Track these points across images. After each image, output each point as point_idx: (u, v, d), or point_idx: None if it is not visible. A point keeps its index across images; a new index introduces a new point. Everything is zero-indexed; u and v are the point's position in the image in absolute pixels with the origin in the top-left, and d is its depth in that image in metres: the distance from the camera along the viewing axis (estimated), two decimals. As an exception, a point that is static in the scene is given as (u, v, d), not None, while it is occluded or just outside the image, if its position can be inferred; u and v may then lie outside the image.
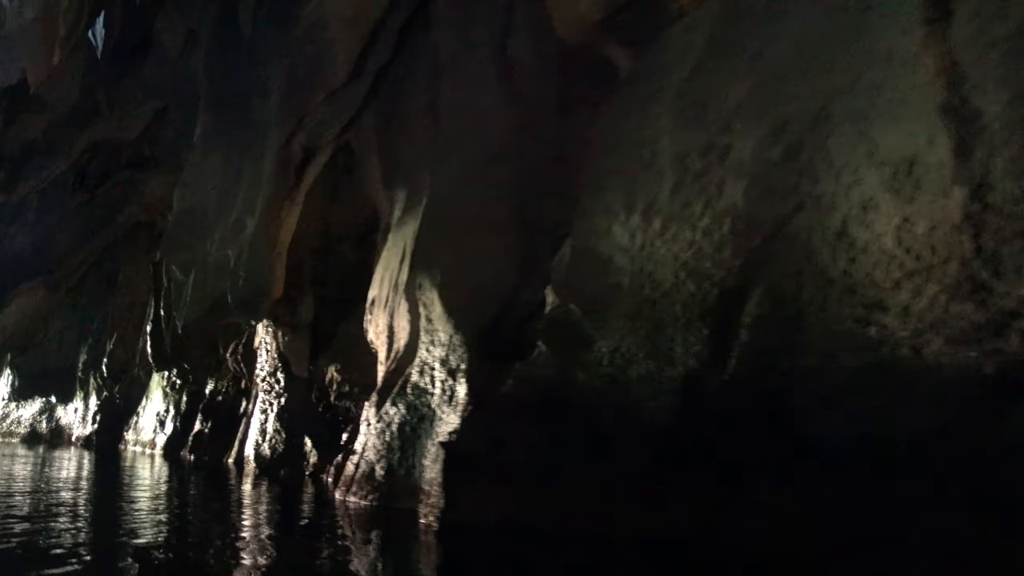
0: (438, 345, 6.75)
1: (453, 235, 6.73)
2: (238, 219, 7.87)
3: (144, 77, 12.30)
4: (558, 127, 6.95)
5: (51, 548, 4.94)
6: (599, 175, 5.74)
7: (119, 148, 13.77)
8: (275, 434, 11.20)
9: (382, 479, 6.88)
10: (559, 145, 6.89)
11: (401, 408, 6.95)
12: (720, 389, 4.89)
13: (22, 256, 14.43)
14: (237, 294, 7.73)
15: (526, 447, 5.67)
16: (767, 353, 4.75)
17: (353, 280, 13.18)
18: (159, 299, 17.20)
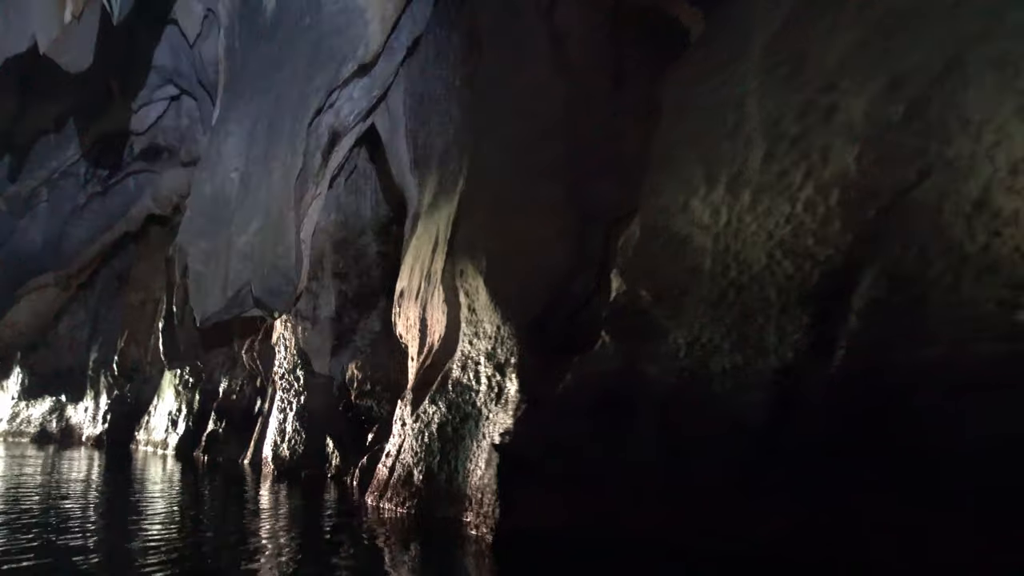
0: (483, 337, 6.05)
1: (498, 218, 6.05)
2: (262, 203, 7.19)
3: (158, 64, 11.64)
4: (612, 99, 6.27)
5: (63, 557, 4.28)
6: (671, 146, 5.05)
7: (132, 139, 13.12)
8: (295, 434, 10.52)
9: (421, 484, 6.19)
10: (613, 119, 6.21)
11: (441, 407, 6.26)
12: (823, 385, 4.19)
13: (32, 251, 13.77)
14: (263, 283, 7.05)
15: (589, 449, 4.97)
16: (882, 343, 4.05)
17: (375, 274, 12.56)
18: (172, 295, 16.56)
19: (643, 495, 4.63)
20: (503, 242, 5.96)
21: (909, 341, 3.96)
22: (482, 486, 5.20)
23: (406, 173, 9.16)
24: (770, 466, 4.32)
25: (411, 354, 8.08)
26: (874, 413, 4.01)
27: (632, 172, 5.95)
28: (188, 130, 12.80)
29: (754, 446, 4.41)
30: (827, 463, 4.10)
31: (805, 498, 4.12)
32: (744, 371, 4.50)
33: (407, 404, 6.94)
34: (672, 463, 4.65)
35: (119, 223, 14.41)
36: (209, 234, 7.64)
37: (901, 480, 3.82)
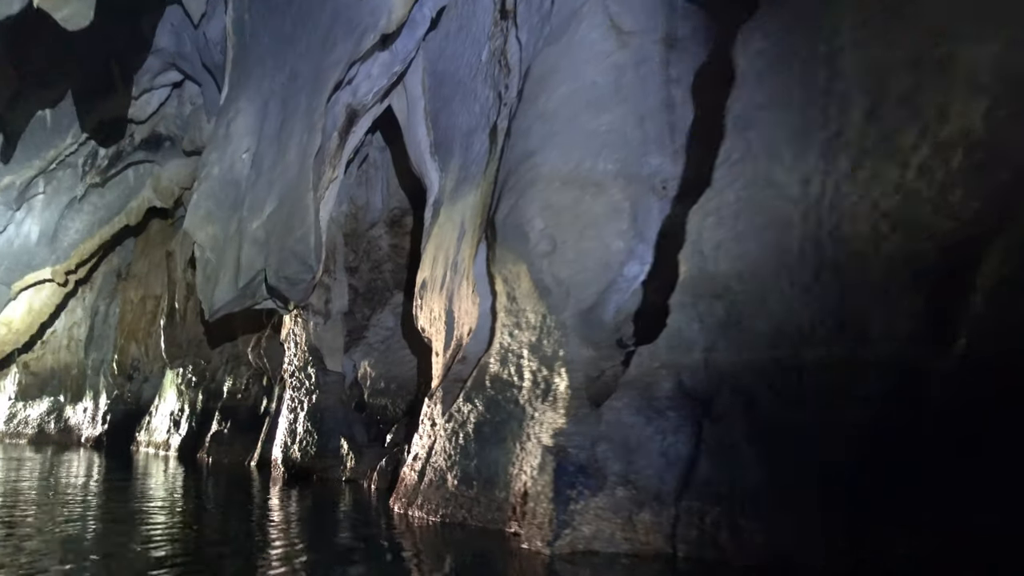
0: (526, 328, 5.43)
1: (542, 196, 5.41)
2: (277, 185, 6.55)
3: (159, 47, 10.98)
4: (665, 65, 5.65)
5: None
6: (748, 111, 4.42)
7: (132, 127, 12.45)
8: (306, 435, 9.87)
9: (456, 491, 5.56)
10: (668, 85, 5.60)
11: (478, 405, 5.63)
12: (945, 376, 3.58)
13: (28, 244, 13.08)
14: (279, 271, 6.41)
15: (660, 452, 4.36)
16: (1014, 328, 3.44)
17: (386, 268, 11.91)
18: (173, 292, 15.88)
19: (730, 506, 4.02)
20: (548, 222, 5.33)
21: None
22: (535, 495, 4.57)
23: (425, 158, 8.51)
24: (878, 474, 3.71)
25: (435, 349, 7.45)
26: (1005, 411, 3.41)
27: (694, 143, 5.34)
28: (191, 117, 12.14)
29: (856, 450, 3.80)
30: (948, 472, 3.49)
31: (927, 508, 3.51)
32: (844, 362, 3.89)
33: (437, 402, 6.30)
34: (763, 468, 4.04)
35: (119, 216, 13.74)
36: (218, 219, 7.01)
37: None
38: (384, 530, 5.60)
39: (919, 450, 3.58)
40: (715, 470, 4.15)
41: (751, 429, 4.07)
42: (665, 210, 5.37)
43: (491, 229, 5.90)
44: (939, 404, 3.58)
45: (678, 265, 4.68)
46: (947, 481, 3.46)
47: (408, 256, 11.67)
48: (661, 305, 4.84)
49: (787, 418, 4.01)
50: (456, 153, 7.95)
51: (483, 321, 6.32)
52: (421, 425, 6.66)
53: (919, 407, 3.64)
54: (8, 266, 12.98)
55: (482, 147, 7.41)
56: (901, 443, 3.65)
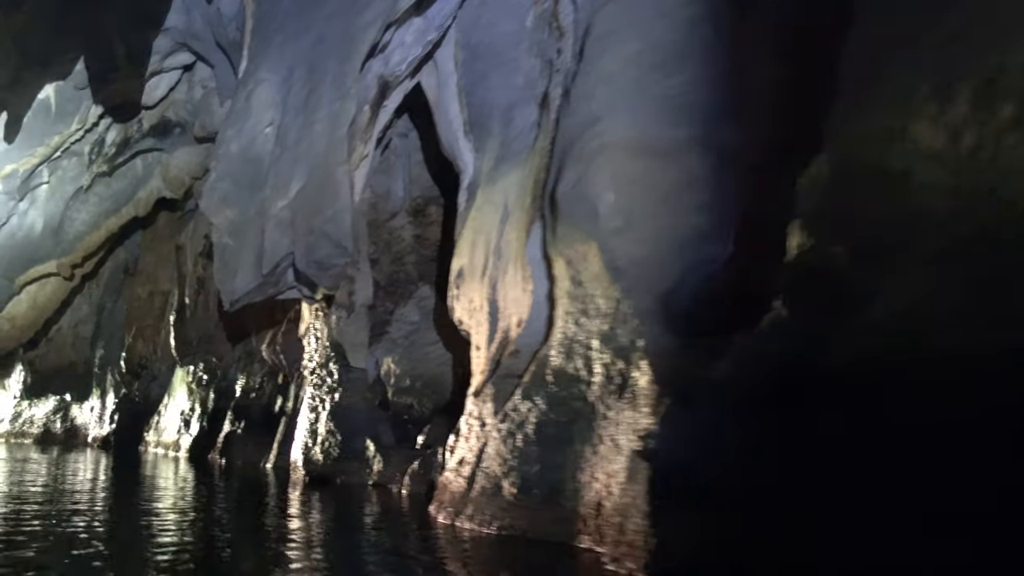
0: (595, 316, 4.76)
1: (613, 165, 4.75)
2: (304, 160, 5.89)
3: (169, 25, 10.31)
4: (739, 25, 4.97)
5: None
6: (873, 60, 3.74)
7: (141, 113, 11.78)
8: (328, 436, 9.21)
9: (515, 500, 4.89)
10: (746, 46, 4.92)
11: (539, 403, 4.96)
12: None
13: (32, 236, 12.42)
14: (308, 254, 5.75)
15: (768, 457, 3.68)
16: None
17: (409, 259, 11.23)
18: (183, 286, 15.23)
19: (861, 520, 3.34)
20: (620, 194, 4.66)
21: None
22: (620, 508, 3.90)
23: (458, 138, 7.83)
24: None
25: (476, 342, 6.77)
26: None
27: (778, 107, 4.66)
28: (202, 102, 11.47)
29: (1010, 454, 3.13)
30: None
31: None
32: (989, 355, 3.21)
33: (487, 400, 5.64)
34: (893, 476, 3.36)
35: (126, 207, 13.07)
36: (238, 200, 6.34)
37: None
38: (434, 544, 4.93)
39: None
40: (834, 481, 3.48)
41: (874, 433, 3.39)
42: (746, 181, 4.68)
43: (551, 206, 5.23)
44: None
45: (774, 241, 4.00)
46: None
47: (433, 247, 11.02)
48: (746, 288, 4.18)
49: (916, 422, 3.33)
50: (494, 130, 7.28)
51: (537, 310, 5.66)
52: (466, 425, 6.00)
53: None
54: (11, 259, 12.33)
55: (526, 121, 6.74)
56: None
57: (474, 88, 7.56)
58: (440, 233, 10.94)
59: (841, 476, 3.31)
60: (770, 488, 3.59)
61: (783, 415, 3.73)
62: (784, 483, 3.60)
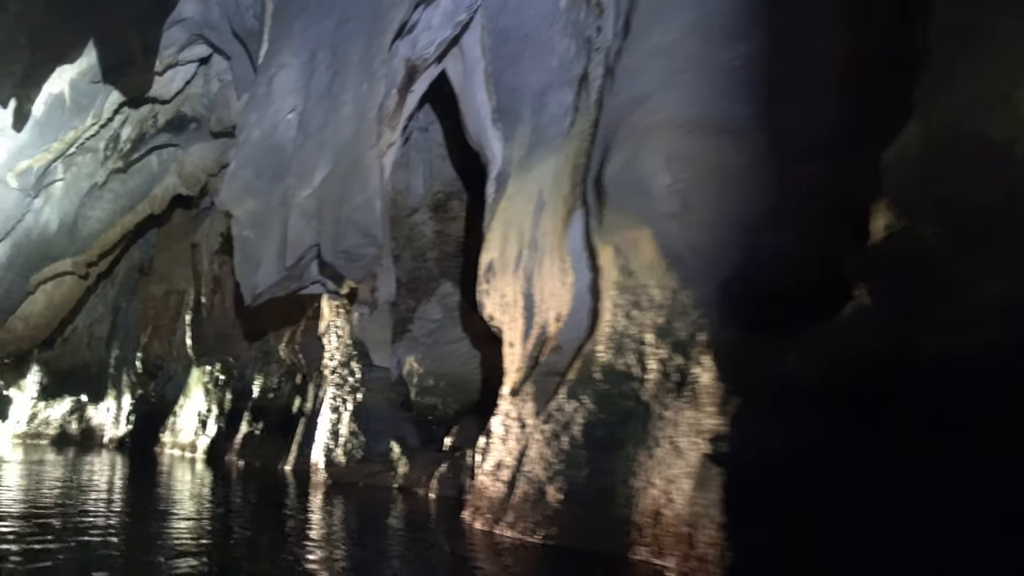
0: (649, 308, 4.39)
1: (668, 144, 4.38)
2: (330, 146, 5.56)
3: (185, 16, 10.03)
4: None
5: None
6: (968, 21, 3.35)
7: (156, 108, 11.53)
8: (351, 437, 8.89)
9: (561, 507, 4.53)
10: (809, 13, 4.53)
11: (586, 402, 4.60)
12: None
13: (47, 234, 12.18)
14: (335, 244, 5.41)
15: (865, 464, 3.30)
16: None
17: (431, 255, 10.90)
18: (199, 285, 14.99)
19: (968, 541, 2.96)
20: (677, 176, 4.29)
21: None
22: (690, 517, 3.53)
23: (485, 127, 7.48)
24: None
25: (508, 338, 6.42)
26: None
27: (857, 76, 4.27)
28: (219, 96, 11.19)
29: None
30: None
31: None
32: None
33: (526, 400, 5.29)
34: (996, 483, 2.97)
35: (141, 204, 12.82)
36: (259, 190, 6.02)
37: None
38: (473, 554, 4.58)
39: None
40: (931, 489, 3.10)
41: (967, 438, 3.00)
42: (816, 160, 4.30)
43: (596, 191, 4.87)
44: None
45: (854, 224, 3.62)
46: None
47: (455, 243, 10.69)
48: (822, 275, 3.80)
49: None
50: (525, 117, 6.93)
51: (579, 303, 5.30)
52: (501, 427, 5.64)
53: None
54: (26, 257, 12.10)
55: (561, 105, 6.38)
56: None
57: (503, 74, 7.21)
58: (462, 228, 10.62)
59: (955, 486, 2.92)
60: (868, 499, 3.21)
61: (879, 417, 3.34)
62: (885, 493, 3.22)
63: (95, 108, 11.02)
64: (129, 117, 11.72)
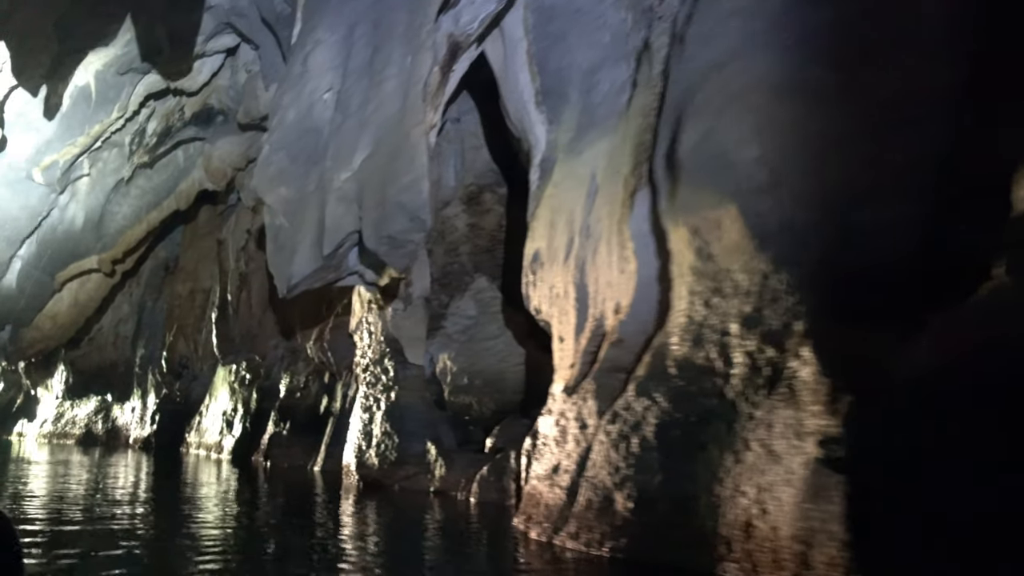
0: (733, 294, 3.91)
1: (755, 113, 3.90)
2: (372, 125, 5.15)
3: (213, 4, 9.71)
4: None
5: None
6: None
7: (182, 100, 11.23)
8: (384, 438, 8.47)
9: (632, 516, 4.06)
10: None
11: (660, 400, 4.12)
12: None
13: (73, 231, 11.94)
14: (380, 229, 4.99)
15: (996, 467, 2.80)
16: None
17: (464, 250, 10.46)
18: (225, 282, 14.69)
19: None
20: (767, 146, 3.80)
21: None
22: (803, 532, 3.04)
23: (528, 111, 7.03)
24: None
25: (558, 332, 5.95)
26: None
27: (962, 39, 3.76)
28: (247, 87, 10.85)
29: None
30: None
31: None
32: None
33: (587, 397, 4.82)
34: None
35: (167, 200, 12.55)
36: (294, 175, 5.63)
37: None
38: (535, 569, 4.12)
39: None
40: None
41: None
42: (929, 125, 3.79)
43: (667, 168, 4.40)
44: None
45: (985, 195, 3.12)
46: None
47: (489, 237, 10.25)
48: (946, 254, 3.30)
49: None
50: (572, 98, 6.48)
51: (643, 292, 4.83)
52: (556, 427, 5.18)
53: None
54: (52, 254, 11.87)
55: (615, 81, 5.93)
56: None
57: (548, 53, 6.77)
58: (496, 222, 10.20)
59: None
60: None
61: (1001, 413, 2.83)
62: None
63: (121, 101, 10.74)
64: (155, 111, 11.44)
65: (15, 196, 10.99)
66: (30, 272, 12.17)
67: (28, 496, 7.09)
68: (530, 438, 5.93)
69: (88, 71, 10.25)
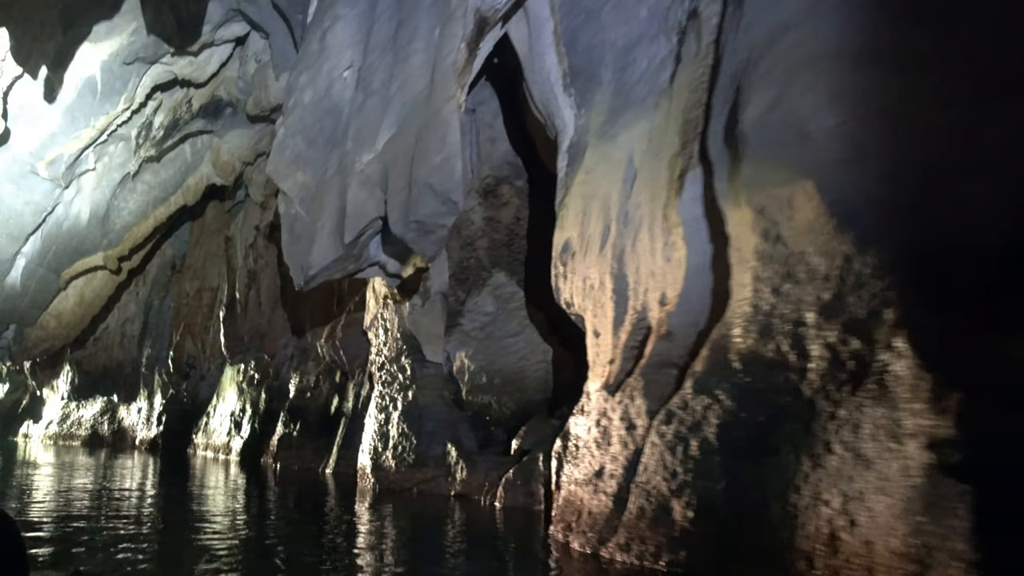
0: (808, 280, 3.49)
1: (829, 80, 3.48)
2: (397, 102, 4.75)
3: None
4: None
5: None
6: None
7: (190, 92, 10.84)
8: (401, 439, 8.06)
9: (692, 526, 3.64)
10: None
11: (723, 398, 3.70)
12: None
13: (78, 227, 11.55)
14: (409, 212, 4.58)
15: None
16: None
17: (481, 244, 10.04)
18: (233, 280, 14.31)
19: None
20: (846, 115, 3.39)
21: None
22: (915, 550, 2.62)
23: (555, 94, 6.63)
24: None
25: (593, 327, 5.53)
26: None
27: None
28: (256, 77, 10.46)
29: None
30: None
31: None
32: None
33: (634, 395, 4.40)
34: None
35: (175, 195, 12.16)
36: (311, 160, 5.23)
37: None
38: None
39: None
40: None
41: None
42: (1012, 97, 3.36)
43: (726, 143, 3.98)
44: None
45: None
46: None
47: (506, 230, 9.84)
48: None
49: None
50: (604, 78, 6.07)
51: (694, 281, 4.42)
52: (597, 428, 4.76)
53: None
54: (57, 251, 11.49)
55: (654, 58, 5.51)
56: None
57: (577, 32, 6.36)
58: (513, 215, 9.79)
59: None
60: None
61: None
62: None
63: (127, 92, 10.35)
64: (162, 103, 11.06)
65: (19, 191, 10.60)
66: (35, 269, 11.79)
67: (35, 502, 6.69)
68: (560, 440, 5.52)
69: (94, 61, 9.87)
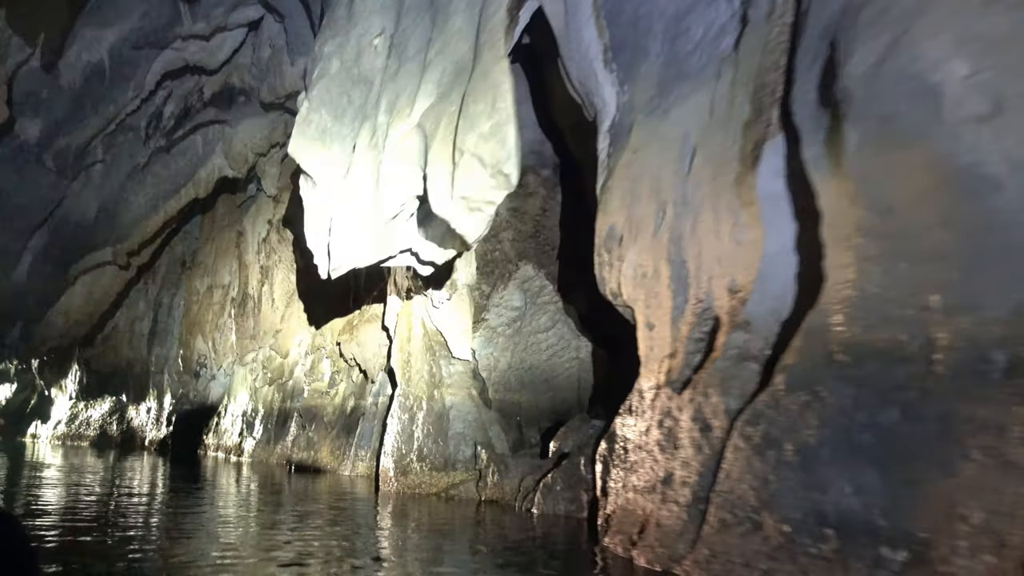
0: (931, 257, 2.96)
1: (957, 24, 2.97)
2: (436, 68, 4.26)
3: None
4: None
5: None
6: None
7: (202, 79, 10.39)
8: (426, 440, 7.57)
9: (788, 543, 3.13)
10: None
11: (825, 396, 3.19)
12: None
13: (86, 221, 11.12)
14: (455, 189, 4.07)
15: None
16: None
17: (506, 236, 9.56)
18: (245, 276, 13.85)
19: None
20: (981, 64, 2.88)
21: None
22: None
23: (595, 70, 6.12)
24: None
25: (646, 318, 5.02)
26: None
27: None
28: (270, 63, 9.99)
29: None
30: None
31: None
32: None
33: (710, 392, 3.90)
34: None
35: (186, 188, 11.70)
36: (338, 135, 4.75)
37: None
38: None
39: None
40: None
41: None
42: None
43: (821, 105, 3.48)
44: None
45: None
46: None
47: (532, 221, 9.35)
48: None
49: None
50: (652, 51, 5.56)
51: (773, 264, 3.92)
52: (656, 429, 4.26)
53: None
54: (64, 246, 11.06)
55: (712, 25, 5.00)
56: None
57: (621, 3, 5.86)
58: (539, 205, 9.32)
59: None
60: None
61: None
62: None
63: (136, 79, 9.92)
64: (172, 91, 10.61)
65: (24, 183, 10.17)
66: (42, 266, 11.36)
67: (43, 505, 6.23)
68: (606, 442, 5.03)
69: (102, 46, 9.43)
